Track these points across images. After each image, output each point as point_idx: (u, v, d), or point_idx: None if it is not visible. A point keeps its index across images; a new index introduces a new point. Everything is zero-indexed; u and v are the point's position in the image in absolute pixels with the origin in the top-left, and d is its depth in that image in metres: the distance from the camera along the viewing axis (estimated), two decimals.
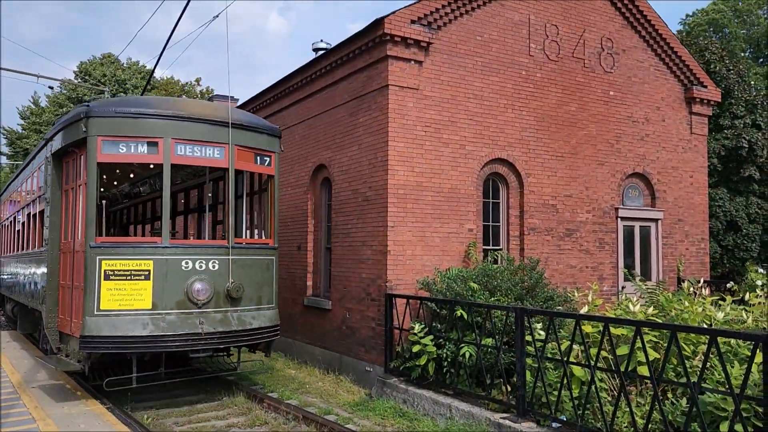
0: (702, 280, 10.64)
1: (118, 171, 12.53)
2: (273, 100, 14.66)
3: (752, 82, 22.51)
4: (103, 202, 10.00)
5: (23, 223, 13.60)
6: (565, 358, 7.10)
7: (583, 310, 7.71)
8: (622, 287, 12.90)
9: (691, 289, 8.95)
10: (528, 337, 7.62)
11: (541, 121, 12.09)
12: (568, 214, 12.35)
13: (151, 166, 10.88)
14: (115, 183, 13.86)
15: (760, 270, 14.05)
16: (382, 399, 9.52)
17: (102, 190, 11.54)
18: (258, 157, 10.08)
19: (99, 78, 45.10)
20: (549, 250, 12.01)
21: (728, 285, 11.17)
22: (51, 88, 28.95)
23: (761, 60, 37.08)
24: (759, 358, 5.41)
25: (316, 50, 16.59)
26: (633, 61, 13.56)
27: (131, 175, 13.12)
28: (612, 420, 6.55)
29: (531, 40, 12.03)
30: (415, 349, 9.08)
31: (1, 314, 16.47)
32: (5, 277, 16.68)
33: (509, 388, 7.99)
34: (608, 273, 12.86)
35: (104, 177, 12.22)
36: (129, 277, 8.69)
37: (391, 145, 10.31)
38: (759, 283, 11.02)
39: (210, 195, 12.00)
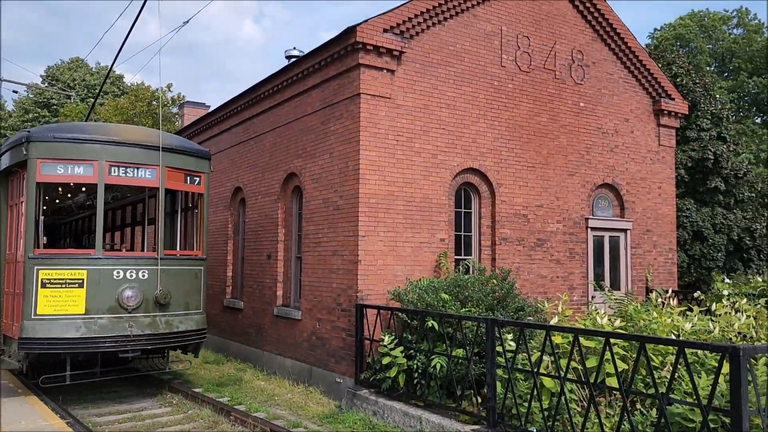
0: (670, 290, 10.75)
1: (64, 189, 13.23)
2: (244, 107, 14.49)
3: (717, 96, 23.03)
4: (43, 217, 10.69)
5: None
6: (536, 369, 7.07)
7: (554, 321, 7.70)
8: (592, 297, 12.99)
9: (659, 299, 9.01)
10: (499, 348, 7.58)
11: (513, 131, 12.14)
12: (539, 224, 12.40)
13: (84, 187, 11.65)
14: (68, 197, 14.70)
15: (726, 280, 14.30)
16: (352, 411, 9.39)
17: (57, 202, 12.64)
18: (188, 177, 11.05)
19: (68, 82, 44.25)
20: (520, 260, 12.04)
21: (695, 295, 11.30)
22: (15, 92, 28.25)
23: (726, 74, 38.04)
24: (726, 368, 5.43)
25: (288, 57, 16.49)
26: (603, 73, 13.74)
27: (80, 192, 13.81)
28: (582, 431, 6.53)
29: (503, 51, 12.09)
30: (386, 360, 8.97)
31: None
32: None
33: (480, 400, 7.93)
34: (578, 283, 12.94)
35: (54, 193, 12.95)
36: (64, 285, 9.55)
37: (362, 154, 10.24)
38: (725, 293, 11.19)
39: (143, 212, 12.88)
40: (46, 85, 41.92)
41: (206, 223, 11.67)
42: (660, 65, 19.01)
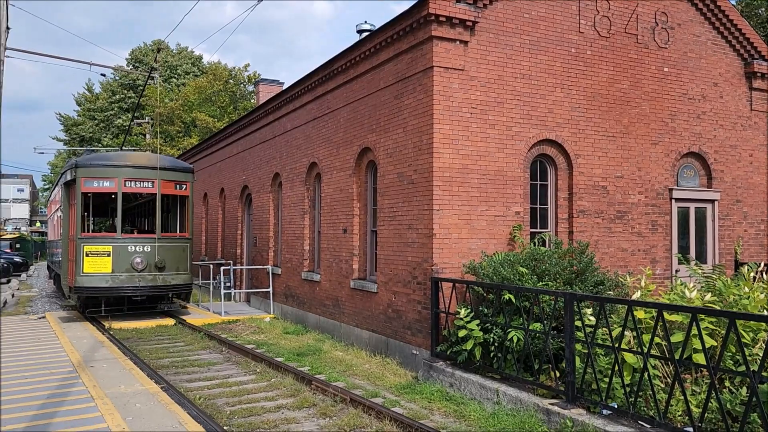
0: (762, 264, 10.22)
1: (98, 195, 18.26)
2: (318, 83, 14.68)
3: None
4: (85, 213, 17.28)
5: (56, 221, 22.03)
6: (617, 345, 6.93)
7: (636, 296, 7.51)
8: (676, 271, 12.52)
9: (751, 273, 8.58)
10: (577, 323, 7.47)
11: (592, 100, 11.74)
12: (620, 196, 12.01)
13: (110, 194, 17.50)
14: (100, 200, 20.17)
15: None
16: (428, 382, 9.53)
17: (94, 203, 18.81)
18: (177, 185, 17.31)
19: (150, 63, 46.03)
20: (599, 233, 11.73)
21: None
22: (103, 75, 29.96)
23: None
24: None
25: (360, 32, 16.50)
26: (689, 35, 13.00)
27: (108, 197, 18.88)
28: (666, 408, 6.38)
29: (581, 16, 11.65)
30: (462, 333, 9.02)
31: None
32: (53, 255, 24.74)
33: (558, 374, 7.86)
34: (661, 256, 12.48)
35: (93, 198, 18.23)
36: (98, 255, 15.86)
37: (436, 128, 10.20)
38: None
39: (147, 208, 19.81)
40: (130, 67, 43.81)
41: (192, 214, 18.13)
42: (752, 24, 17.76)
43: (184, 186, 17.33)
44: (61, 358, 10.68)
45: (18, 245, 49.22)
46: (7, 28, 19.16)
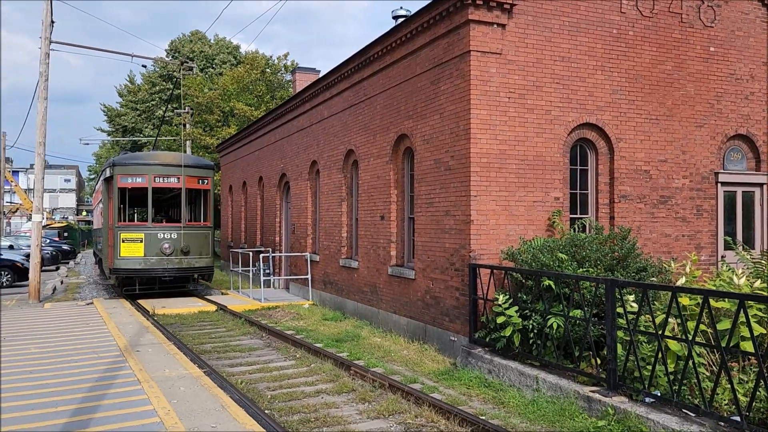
0: None
1: (132, 190, 19.90)
2: (354, 70, 14.68)
3: None
4: (122, 205, 19.61)
5: (99, 211, 25.59)
6: (660, 332, 6.80)
7: (680, 282, 7.34)
8: (722, 257, 12.18)
9: None
10: (619, 309, 7.35)
11: (634, 82, 11.45)
12: (663, 180, 11.72)
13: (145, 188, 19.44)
14: (134, 193, 21.34)
15: None
16: (467, 369, 9.52)
17: (129, 196, 20.34)
18: (199, 180, 19.65)
19: (188, 54, 46.70)
20: (641, 219, 11.48)
21: None
22: (144, 66, 30.65)
23: None
24: None
25: (395, 18, 16.43)
26: (737, 13, 12.53)
27: (140, 190, 20.41)
28: (711, 397, 6.24)
29: None
30: (500, 320, 8.98)
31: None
32: (97, 242, 28.46)
33: (599, 361, 7.76)
34: (706, 242, 12.15)
35: (128, 191, 19.85)
36: (133, 241, 18.35)
37: (473, 113, 10.10)
38: None
39: (174, 201, 22.58)
40: (169, 58, 44.51)
41: (212, 205, 20.51)
42: None
43: (206, 181, 19.72)
44: (108, 342, 11.02)
45: (66, 234, 50.86)
46: (52, 22, 19.70)
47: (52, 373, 8.75)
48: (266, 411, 7.68)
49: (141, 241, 18.30)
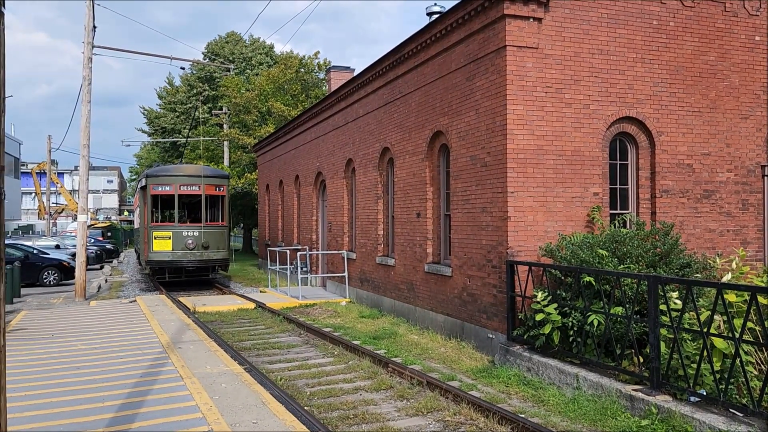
0: None
1: (162, 197, 23.60)
2: (388, 68, 14.68)
3: None
4: (153, 209, 23.20)
5: (137, 214, 29.08)
6: (705, 330, 6.63)
7: (726, 278, 7.15)
8: None
9: None
10: (662, 307, 7.19)
11: (675, 73, 11.18)
12: (706, 174, 11.41)
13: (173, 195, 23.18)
14: (164, 200, 24.55)
15: None
16: (505, 366, 9.45)
17: (160, 202, 23.97)
18: (216, 188, 23.34)
19: (227, 56, 47.33)
20: (684, 214, 11.21)
21: None
22: (183, 69, 31.23)
23: None
24: None
25: (430, 15, 16.37)
26: None
27: (168, 197, 23.94)
28: (760, 396, 6.06)
29: None
30: (539, 317, 8.88)
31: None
32: (137, 242, 31.26)
33: (641, 360, 7.61)
34: (753, 237, 11.80)
35: (159, 198, 23.62)
36: (162, 238, 21.89)
37: (509, 109, 10.00)
38: None
39: (196, 205, 25.11)
40: (207, 60, 45.22)
41: (228, 208, 24.14)
42: None
43: (222, 188, 23.54)
44: (151, 339, 11.28)
45: (109, 233, 52.22)
46: (94, 27, 20.24)
47: (99, 368, 9.01)
48: (306, 407, 7.76)
49: (169, 238, 21.89)
